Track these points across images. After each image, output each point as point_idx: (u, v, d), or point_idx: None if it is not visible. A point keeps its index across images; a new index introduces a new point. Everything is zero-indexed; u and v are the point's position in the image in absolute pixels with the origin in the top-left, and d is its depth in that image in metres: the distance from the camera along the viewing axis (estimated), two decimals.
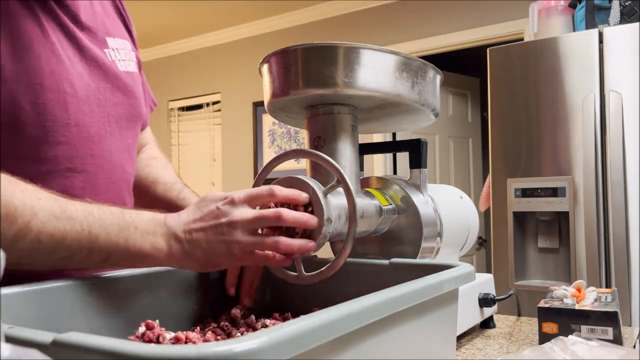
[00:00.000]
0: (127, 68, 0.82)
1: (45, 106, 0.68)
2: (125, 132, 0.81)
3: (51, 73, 0.68)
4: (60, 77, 0.69)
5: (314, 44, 0.70)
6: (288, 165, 3.32)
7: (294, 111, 0.79)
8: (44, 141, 0.68)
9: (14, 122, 0.66)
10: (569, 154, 1.88)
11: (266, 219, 0.59)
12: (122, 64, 0.81)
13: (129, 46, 0.85)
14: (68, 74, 0.70)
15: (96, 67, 0.76)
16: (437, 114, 0.83)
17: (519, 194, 1.94)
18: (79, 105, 0.72)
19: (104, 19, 0.81)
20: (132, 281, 0.63)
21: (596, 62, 1.84)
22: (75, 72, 0.72)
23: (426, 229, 0.80)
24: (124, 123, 0.80)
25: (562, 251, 1.93)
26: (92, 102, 0.74)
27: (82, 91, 0.72)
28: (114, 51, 0.80)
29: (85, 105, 0.73)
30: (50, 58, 0.68)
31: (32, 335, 0.36)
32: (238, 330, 0.67)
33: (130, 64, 0.83)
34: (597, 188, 1.81)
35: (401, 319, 0.51)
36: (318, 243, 0.63)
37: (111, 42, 0.80)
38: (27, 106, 0.66)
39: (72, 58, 0.72)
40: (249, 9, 3.87)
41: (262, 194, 0.61)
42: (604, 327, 0.75)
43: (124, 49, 0.83)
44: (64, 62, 0.70)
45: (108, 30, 0.81)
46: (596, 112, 1.83)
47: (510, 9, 3.12)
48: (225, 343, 0.31)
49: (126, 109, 0.80)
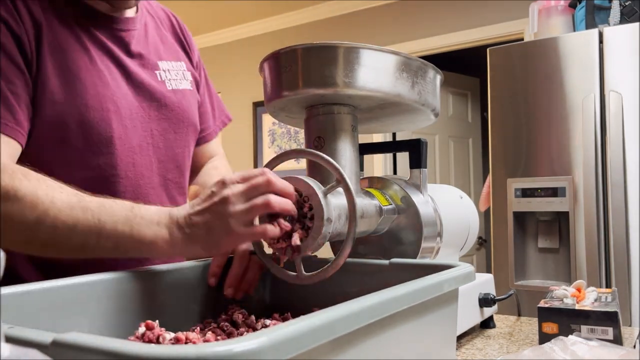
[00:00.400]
0: (176, 86, 0.93)
1: (90, 123, 0.79)
2: (173, 144, 0.91)
3: (96, 95, 0.79)
4: (105, 97, 0.80)
5: (314, 44, 0.69)
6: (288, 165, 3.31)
7: (294, 111, 0.79)
8: (89, 152, 0.79)
9: (62, 136, 0.77)
10: (569, 154, 1.88)
11: (256, 185, 0.61)
12: (172, 83, 0.92)
13: (183, 67, 0.97)
14: (113, 95, 0.82)
15: (141, 88, 0.87)
16: (437, 114, 0.83)
17: (519, 194, 1.94)
18: (122, 121, 0.82)
19: (157, 46, 0.94)
20: (132, 281, 0.63)
21: (596, 62, 1.84)
22: (120, 93, 0.83)
23: (426, 229, 0.80)
24: (170, 135, 0.91)
25: (562, 251, 1.93)
26: (135, 118, 0.85)
27: (125, 109, 0.83)
28: (164, 72, 0.92)
29: (128, 121, 0.83)
30: (96, 83, 0.80)
31: (32, 335, 0.36)
32: (238, 331, 0.67)
33: (181, 83, 0.94)
34: (597, 188, 1.81)
35: (401, 319, 0.51)
36: (318, 243, 0.63)
37: (163, 65, 0.93)
38: (74, 124, 0.77)
39: (118, 81, 0.84)
40: (249, 9, 3.87)
41: (253, 172, 0.63)
42: (604, 327, 0.75)
43: (177, 70, 0.95)
44: (109, 85, 0.82)
45: (160, 55, 0.93)
46: (596, 112, 1.83)
47: (510, 9, 3.12)
48: (225, 343, 0.31)
49: (173, 123, 0.91)
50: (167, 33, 0.98)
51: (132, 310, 0.63)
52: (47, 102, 0.76)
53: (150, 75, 0.89)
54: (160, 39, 0.95)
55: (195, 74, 1.01)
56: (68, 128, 0.77)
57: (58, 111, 0.76)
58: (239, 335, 0.65)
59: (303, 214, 0.64)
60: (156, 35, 0.95)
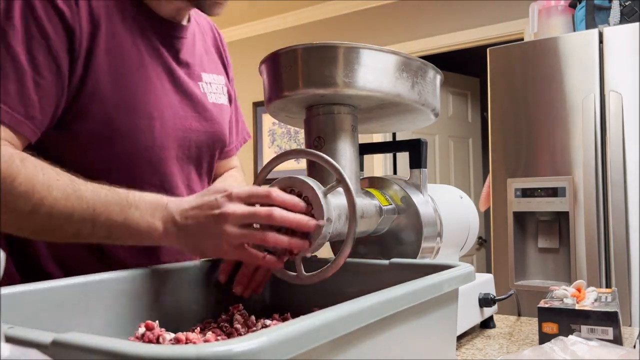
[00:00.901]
0: (216, 100, 0.93)
1: (135, 130, 0.78)
2: (203, 158, 0.91)
3: (144, 101, 0.79)
4: (152, 104, 0.80)
5: (314, 44, 0.69)
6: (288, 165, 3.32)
7: (294, 111, 0.79)
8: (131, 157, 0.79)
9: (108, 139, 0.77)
10: (569, 154, 1.88)
11: (257, 216, 0.61)
12: (213, 97, 0.92)
13: (222, 81, 0.97)
14: (158, 103, 0.81)
15: (187, 98, 0.86)
16: (437, 114, 0.83)
17: (519, 194, 1.94)
18: (165, 129, 0.82)
19: (202, 57, 0.93)
20: (132, 281, 0.63)
21: (596, 62, 1.84)
22: (167, 101, 0.83)
23: (426, 229, 0.80)
24: (204, 149, 0.90)
25: (562, 251, 1.93)
26: (178, 127, 0.84)
27: (169, 118, 0.83)
28: (207, 84, 0.92)
29: (170, 130, 0.83)
30: (144, 89, 0.79)
31: (32, 335, 0.36)
32: (238, 331, 0.67)
33: (220, 97, 0.94)
34: (597, 188, 1.81)
35: (401, 319, 0.51)
36: (318, 243, 0.63)
37: (205, 77, 0.92)
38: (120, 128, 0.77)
39: (165, 88, 0.83)
40: (248, 9, 3.87)
41: (260, 194, 0.62)
42: (604, 327, 0.75)
43: (217, 84, 0.95)
44: (157, 93, 0.81)
45: (204, 67, 0.93)
46: (596, 112, 1.83)
47: (510, 9, 3.12)
48: (224, 343, 0.31)
49: (208, 137, 0.90)
50: (210, 46, 0.98)
51: (132, 310, 0.63)
52: (97, 100, 0.75)
53: (195, 85, 0.89)
54: (205, 51, 0.95)
55: (231, 89, 1.02)
56: (113, 130, 0.76)
57: (107, 111, 0.75)
58: (239, 335, 0.65)
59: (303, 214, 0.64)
60: (201, 46, 0.95)
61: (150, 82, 0.80)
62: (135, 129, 0.78)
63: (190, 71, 0.89)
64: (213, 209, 0.61)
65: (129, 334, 0.60)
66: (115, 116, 0.76)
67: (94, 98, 0.75)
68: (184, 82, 0.86)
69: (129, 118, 0.77)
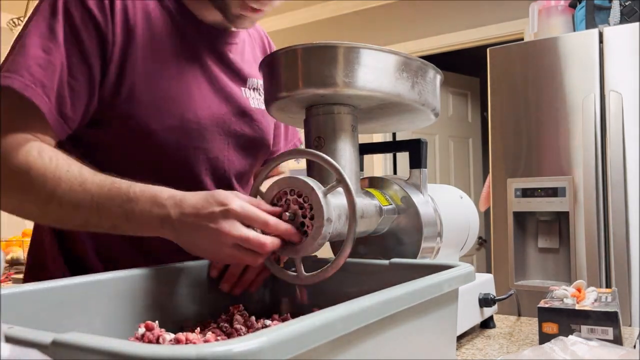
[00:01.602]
0: (259, 105, 0.94)
1: (169, 130, 0.80)
2: (244, 160, 0.92)
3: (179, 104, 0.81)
4: (187, 108, 0.82)
5: (314, 44, 0.69)
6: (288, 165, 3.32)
7: (294, 111, 0.79)
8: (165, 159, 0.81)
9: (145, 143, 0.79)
10: (569, 154, 1.88)
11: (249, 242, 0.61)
12: (255, 101, 0.93)
13: None
14: (195, 107, 0.82)
15: (227, 101, 0.88)
16: (437, 114, 0.82)
17: (519, 194, 1.94)
18: (201, 131, 0.83)
19: (251, 64, 0.95)
20: (132, 282, 0.63)
21: (596, 62, 1.84)
22: (204, 103, 0.84)
23: (426, 229, 0.80)
24: (243, 151, 0.92)
25: (562, 251, 1.93)
26: (215, 130, 0.85)
27: (206, 120, 0.84)
28: (250, 90, 0.93)
29: (207, 132, 0.84)
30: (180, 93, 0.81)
31: (32, 335, 0.36)
32: (238, 331, 0.66)
33: (262, 103, 0.93)
34: (597, 188, 1.81)
35: (401, 319, 0.51)
36: (318, 243, 0.63)
37: (250, 82, 0.93)
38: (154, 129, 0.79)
39: (204, 91, 0.84)
40: None
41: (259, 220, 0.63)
42: (604, 327, 0.75)
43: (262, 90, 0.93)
44: (194, 97, 0.83)
45: (251, 73, 0.94)
46: (596, 112, 1.83)
47: (510, 9, 3.12)
48: (224, 343, 0.31)
49: (249, 140, 0.92)
50: (258, 52, 1.00)
51: (132, 310, 0.63)
52: (132, 103, 0.78)
53: (237, 89, 0.90)
54: (253, 58, 0.97)
55: None
56: (149, 130, 0.79)
57: (141, 114, 0.78)
58: (239, 335, 0.65)
59: (303, 214, 0.64)
60: (250, 54, 0.96)
61: (188, 87, 0.82)
62: (169, 131, 0.80)
63: (236, 76, 0.91)
64: (209, 222, 0.62)
65: (129, 334, 0.60)
66: (150, 118, 0.78)
67: (129, 101, 0.78)
68: (226, 85, 0.88)
69: (162, 119, 0.79)
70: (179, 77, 0.82)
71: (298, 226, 0.65)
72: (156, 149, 0.80)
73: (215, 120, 0.85)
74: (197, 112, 0.83)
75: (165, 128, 0.80)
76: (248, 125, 0.91)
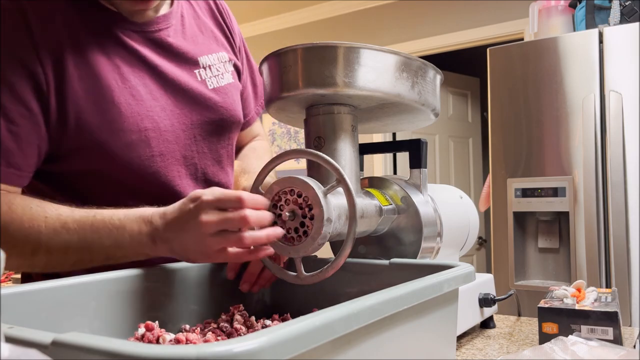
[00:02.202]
0: (218, 83, 0.88)
1: (130, 146, 0.76)
2: (216, 145, 0.89)
3: (131, 116, 0.76)
4: (141, 116, 0.77)
5: (314, 44, 0.69)
6: (288, 165, 3.32)
7: (294, 111, 0.79)
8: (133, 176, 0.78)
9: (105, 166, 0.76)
10: (569, 154, 1.88)
11: (231, 221, 0.60)
12: (213, 80, 0.88)
13: (225, 57, 0.92)
14: (149, 111, 0.78)
15: (181, 94, 0.83)
16: (437, 114, 0.83)
17: (519, 194, 1.94)
18: (162, 136, 0.80)
19: (196, 39, 0.88)
20: (132, 282, 0.63)
21: (596, 62, 1.84)
22: (158, 105, 0.80)
23: (426, 229, 0.80)
24: (213, 138, 0.88)
25: (562, 251, 1.93)
26: (177, 129, 0.82)
27: (165, 122, 0.80)
28: (204, 69, 0.87)
29: (168, 134, 0.81)
30: (129, 103, 0.76)
31: (32, 335, 0.36)
32: (238, 331, 0.67)
33: (222, 78, 0.90)
34: (597, 188, 1.81)
35: (401, 319, 0.51)
36: (318, 243, 0.63)
37: (203, 60, 0.87)
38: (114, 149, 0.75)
39: (155, 93, 0.80)
40: (248, 9, 3.87)
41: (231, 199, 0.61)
42: (604, 327, 0.75)
43: (219, 63, 0.90)
44: (145, 102, 0.78)
45: (201, 49, 0.88)
46: (596, 112, 1.83)
47: (510, 9, 3.12)
48: (224, 343, 0.31)
49: (216, 125, 0.88)
50: (206, 19, 0.92)
51: (132, 310, 0.63)
52: (84, 130, 0.73)
53: (189, 75, 0.85)
54: (199, 29, 0.89)
55: (237, 61, 0.96)
56: (110, 153, 0.75)
57: (95, 139, 0.74)
58: (239, 335, 0.65)
59: (303, 214, 0.64)
60: (195, 25, 0.89)
61: (135, 94, 0.77)
62: (130, 146, 0.76)
63: (183, 61, 0.84)
64: (189, 219, 0.61)
65: (129, 334, 0.60)
66: (105, 139, 0.74)
67: (79, 128, 0.73)
68: (176, 78, 0.82)
69: (119, 137, 0.75)
70: (122, 87, 0.76)
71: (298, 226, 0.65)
72: (123, 167, 0.77)
73: (175, 117, 0.81)
74: (153, 118, 0.78)
75: (124, 145, 0.76)
76: (211, 111, 0.86)
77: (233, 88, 0.92)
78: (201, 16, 0.92)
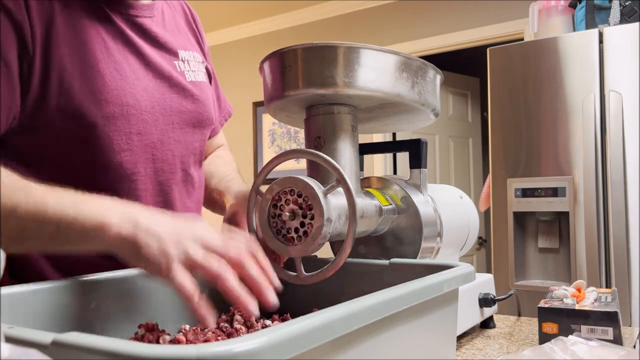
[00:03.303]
0: (195, 78, 0.90)
1: (109, 119, 0.75)
2: (191, 137, 0.89)
3: (115, 88, 0.76)
4: (124, 91, 0.77)
5: (314, 44, 0.69)
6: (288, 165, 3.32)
7: (294, 111, 0.79)
8: (110, 149, 0.76)
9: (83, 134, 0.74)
10: (569, 154, 1.88)
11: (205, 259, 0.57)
12: (191, 74, 0.89)
13: (199, 58, 0.94)
14: (132, 88, 0.78)
15: (162, 79, 0.84)
16: (437, 114, 0.83)
17: (519, 194, 1.94)
18: (142, 115, 0.79)
19: (175, 34, 0.90)
20: (132, 281, 0.63)
21: (596, 62, 1.84)
22: (140, 85, 0.80)
23: (426, 229, 0.80)
24: (189, 129, 0.88)
25: (562, 251, 1.93)
26: (156, 111, 0.82)
27: (146, 102, 0.80)
28: (183, 62, 0.89)
29: (148, 115, 0.80)
30: (114, 76, 0.76)
31: (32, 335, 0.36)
32: (238, 331, 0.67)
33: (199, 75, 0.91)
34: (597, 188, 1.81)
35: (401, 319, 0.51)
36: (318, 243, 0.63)
37: (182, 54, 0.89)
38: (94, 119, 0.74)
39: (138, 73, 0.80)
40: (248, 9, 3.87)
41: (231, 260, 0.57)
42: (604, 327, 0.75)
43: (195, 61, 0.92)
44: (128, 78, 0.78)
45: (180, 44, 0.90)
46: (596, 112, 1.83)
47: (510, 9, 3.12)
48: (225, 343, 0.31)
49: (192, 117, 0.88)
50: (182, 22, 0.95)
51: (132, 310, 0.63)
52: (64, 95, 0.72)
53: (169, 64, 0.86)
54: (177, 28, 0.92)
55: (209, 66, 0.99)
56: (89, 122, 0.74)
57: (76, 106, 0.72)
58: (239, 335, 0.65)
59: (303, 214, 0.64)
60: (173, 23, 0.91)
61: (120, 69, 0.77)
62: (110, 119, 0.75)
63: (165, 50, 0.86)
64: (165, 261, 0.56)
65: (129, 334, 0.60)
66: (86, 109, 0.73)
67: (62, 93, 0.72)
68: (159, 63, 0.83)
69: (101, 107, 0.74)
70: (108, 60, 0.76)
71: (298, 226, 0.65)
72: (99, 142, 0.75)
73: (156, 100, 0.82)
74: (135, 96, 0.78)
75: (104, 116, 0.74)
76: (189, 101, 0.87)
77: (207, 88, 0.94)
78: (178, 18, 0.94)
